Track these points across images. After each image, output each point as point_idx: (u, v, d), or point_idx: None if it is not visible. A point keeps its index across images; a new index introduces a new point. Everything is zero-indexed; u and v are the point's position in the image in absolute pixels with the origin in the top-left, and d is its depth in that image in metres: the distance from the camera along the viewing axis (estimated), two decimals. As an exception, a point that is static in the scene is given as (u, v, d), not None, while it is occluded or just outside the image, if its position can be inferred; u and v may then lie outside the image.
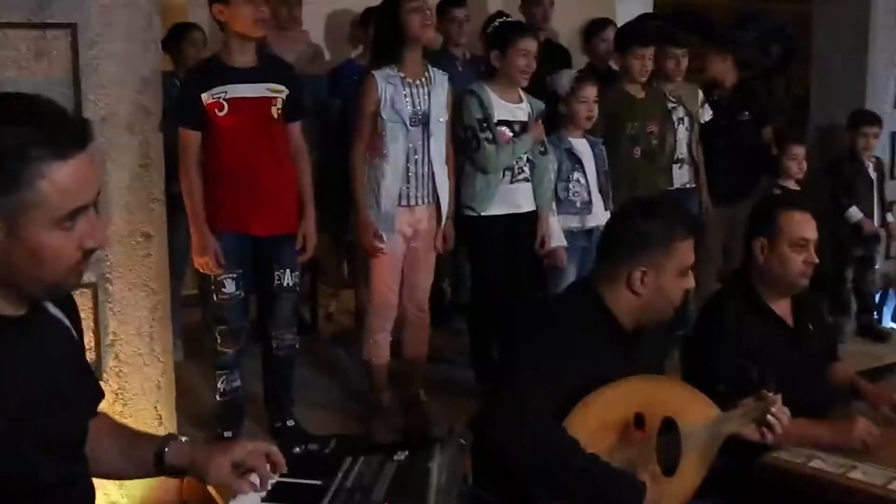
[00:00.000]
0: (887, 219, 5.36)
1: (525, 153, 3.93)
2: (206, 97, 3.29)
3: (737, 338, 2.73)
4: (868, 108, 5.40)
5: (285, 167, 3.46)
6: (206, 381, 3.80)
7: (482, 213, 3.88)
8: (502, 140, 3.87)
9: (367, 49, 4.40)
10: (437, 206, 3.74)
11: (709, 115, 4.96)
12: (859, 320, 5.37)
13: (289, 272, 3.50)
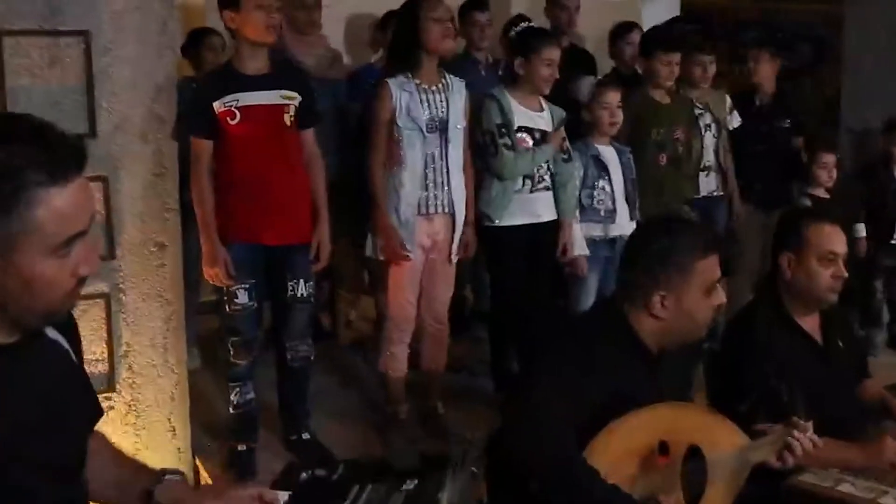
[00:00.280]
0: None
1: (544, 162, 3.86)
2: (217, 105, 3.23)
3: (766, 354, 2.65)
4: (901, 110, 5.29)
5: (298, 175, 3.40)
6: (223, 390, 3.74)
7: (500, 223, 3.81)
8: (521, 147, 3.79)
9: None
10: (454, 214, 3.67)
11: (737, 121, 4.87)
12: (891, 331, 5.25)
13: (303, 282, 3.43)
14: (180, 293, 3.34)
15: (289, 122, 3.33)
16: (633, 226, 4.12)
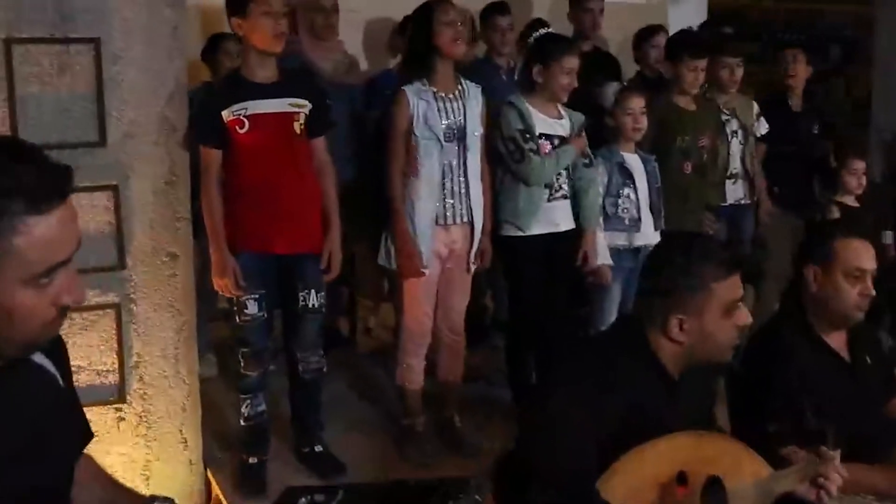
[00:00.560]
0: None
1: (567, 167, 3.77)
2: (226, 114, 3.18)
3: (791, 372, 2.55)
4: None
5: (308, 183, 3.34)
6: (238, 399, 3.70)
7: (526, 233, 3.72)
8: (542, 152, 3.70)
9: (404, 58, 4.28)
10: (472, 224, 3.60)
11: (764, 128, 4.75)
12: (921, 340, 5.11)
13: (314, 293, 3.37)
14: (192, 303, 3.30)
15: (298, 131, 3.27)
16: (657, 236, 4.03)
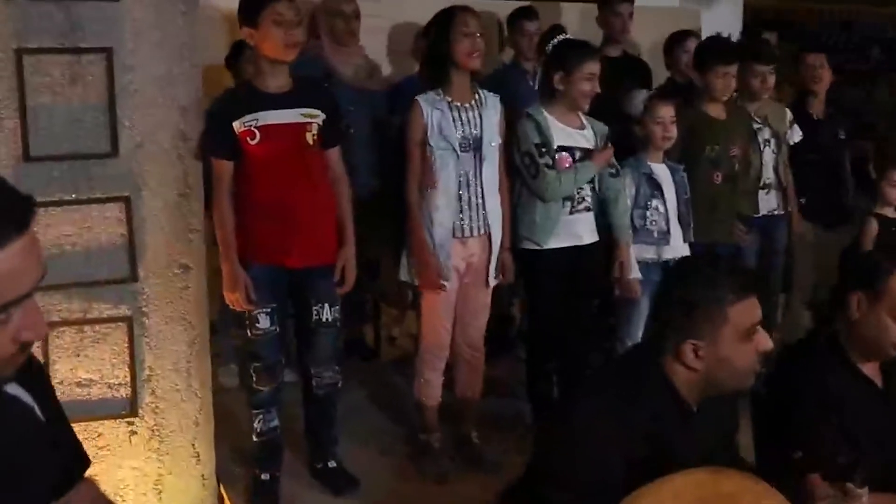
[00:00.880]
0: None
1: (588, 181, 3.66)
2: (237, 125, 3.11)
3: (821, 396, 2.43)
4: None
5: (322, 195, 3.27)
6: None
7: (545, 247, 3.61)
8: (562, 166, 3.60)
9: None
10: (490, 236, 3.52)
11: (798, 136, 4.59)
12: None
13: (328, 307, 3.30)
14: (204, 316, 3.24)
15: (311, 141, 3.20)
16: (686, 248, 3.92)
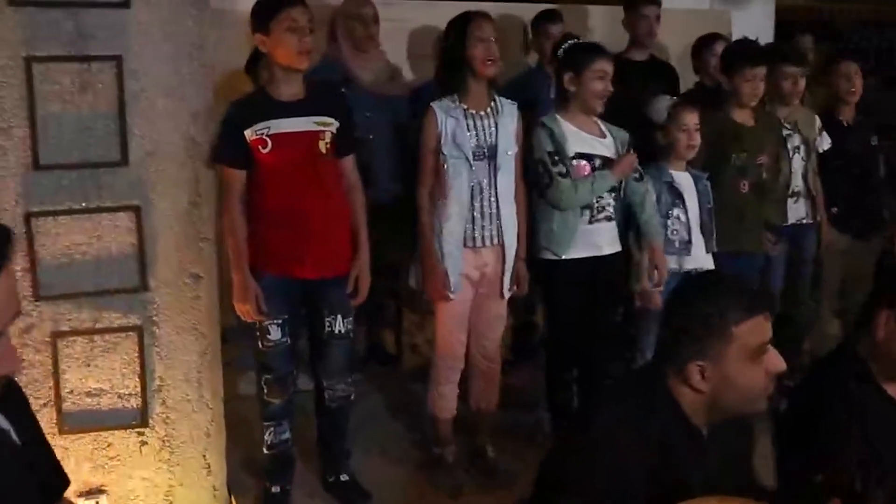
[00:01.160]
0: None
1: (607, 190, 3.57)
2: (249, 133, 3.07)
3: (847, 417, 2.34)
4: None
5: (335, 205, 3.21)
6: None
7: (563, 257, 3.53)
8: (580, 174, 3.51)
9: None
10: (504, 246, 3.44)
11: (827, 143, 4.46)
12: None
13: (340, 318, 3.25)
14: (216, 326, 3.20)
15: (324, 150, 3.14)
16: (709, 258, 3.82)
